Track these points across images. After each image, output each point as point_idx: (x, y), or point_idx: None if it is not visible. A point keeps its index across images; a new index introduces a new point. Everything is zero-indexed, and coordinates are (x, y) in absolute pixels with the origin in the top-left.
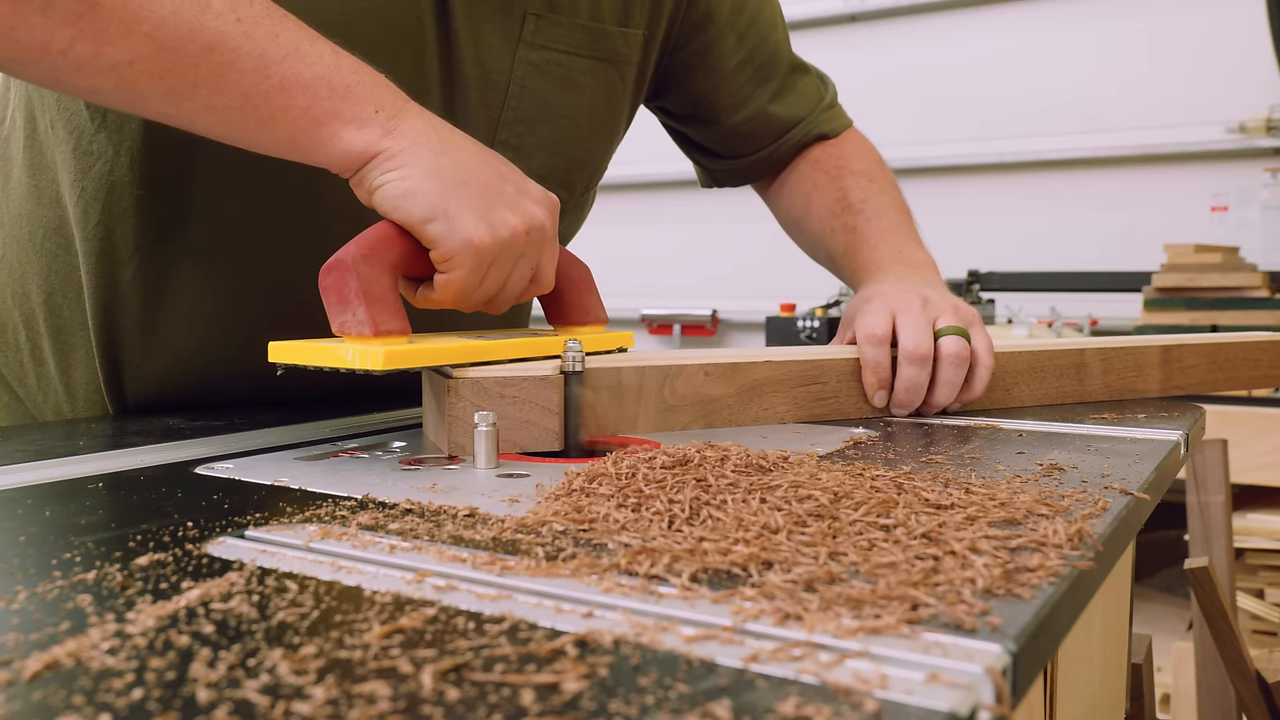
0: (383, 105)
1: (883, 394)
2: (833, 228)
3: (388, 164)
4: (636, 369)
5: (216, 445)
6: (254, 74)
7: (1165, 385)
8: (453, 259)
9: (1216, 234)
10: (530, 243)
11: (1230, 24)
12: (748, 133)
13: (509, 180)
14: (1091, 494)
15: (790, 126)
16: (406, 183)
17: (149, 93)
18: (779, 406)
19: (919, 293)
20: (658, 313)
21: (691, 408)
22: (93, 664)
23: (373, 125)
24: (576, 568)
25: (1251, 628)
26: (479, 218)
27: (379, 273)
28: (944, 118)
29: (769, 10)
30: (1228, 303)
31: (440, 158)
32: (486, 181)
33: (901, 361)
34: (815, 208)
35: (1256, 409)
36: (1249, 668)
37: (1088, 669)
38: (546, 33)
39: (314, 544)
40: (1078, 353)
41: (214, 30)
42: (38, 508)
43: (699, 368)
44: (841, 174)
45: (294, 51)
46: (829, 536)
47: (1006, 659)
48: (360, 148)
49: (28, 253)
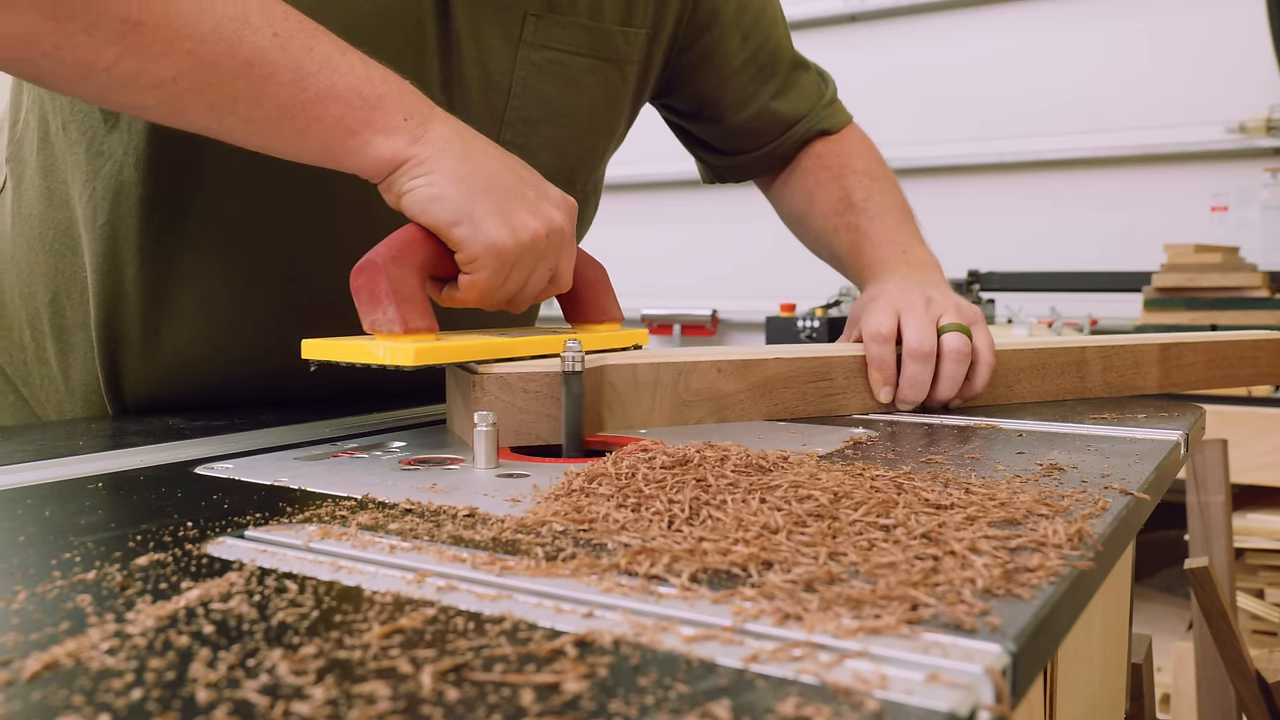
0: (412, 113)
1: (888, 390)
2: (836, 226)
3: (415, 170)
4: (652, 365)
5: (216, 445)
6: (291, 86)
7: (1164, 383)
8: (477, 260)
9: (1216, 234)
10: (550, 245)
11: (1230, 24)
12: (752, 129)
13: (530, 184)
14: (1091, 494)
15: (793, 123)
16: (434, 188)
17: (190, 107)
18: (789, 401)
19: (923, 292)
20: (658, 313)
21: (705, 403)
22: (92, 664)
23: (402, 133)
24: (576, 568)
25: (1251, 628)
26: (502, 221)
27: (408, 273)
28: (944, 118)
29: (771, 9)
30: (1228, 303)
31: (465, 163)
32: (509, 186)
33: (906, 358)
34: (818, 205)
35: (1256, 409)
36: (1249, 668)
37: (1088, 669)
38: (546, 33)
39: (314, 544)
40: (1078, 350)
41: (252, 45)
42: (38, 508)
43: (712, 364)
44: (844, 172)
45: (328, 64)
46: (829, 536)
47: (1006, 659)
48: (389, 154)
49: (37, 253)
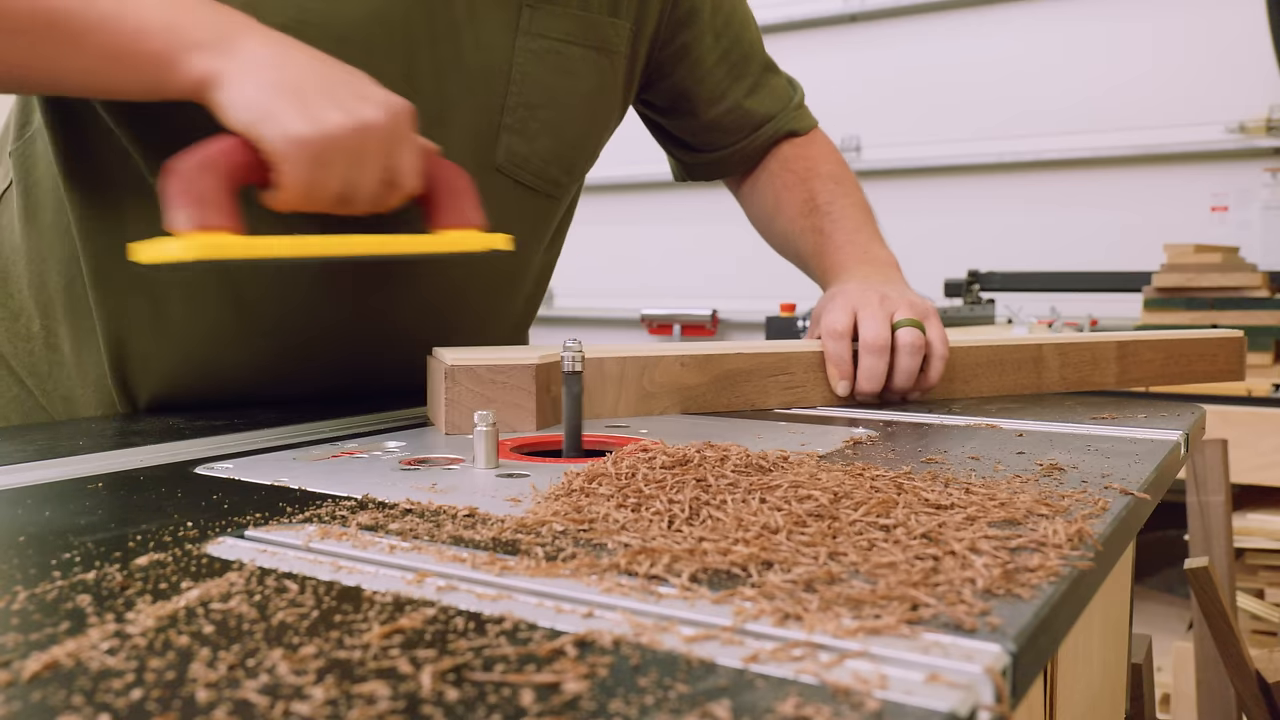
0: (223, 33)
1: (844, 384)
2: (801, 228)
3: (226, 81)
4: (618, 359)
5: (216, 445)
6: (108, 33)
7: (1122, 379)
8: (280, 155)
9: (1216, 234)
10: (370, 141)
11: (1230, 24)
12: (724, 126)
13: (346, 85)
14: (1091, 494)
15: (764, 121)
16: (242, 95)
17: (24, 77)
18: (750, 394)
19: (878, 290)
20: (658, 313)
21: (669, 395)
22: (92, 664)
23: (211, 50)
24: (576, 568)
25: (1251, 628)
26: (303, 115)
27: (209, 176)
28: (944, 118)
29: (742, 10)
30: (1228, 303)
31: (275, 71)
32: (318, 86)
33: (862, 352)
34: (785, 208)
35: (1256, 409)
36: (1249, 668)
37: (1088, 669)
38: (542, 22)
39: (314, 544)
40: (1034, 347)
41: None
42: (38, 508)
43: (675, 358)
44: (810, 176)
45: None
46: (829, 536)
47: (1006, 659)
48: (200, 73)
49: (51, 241)
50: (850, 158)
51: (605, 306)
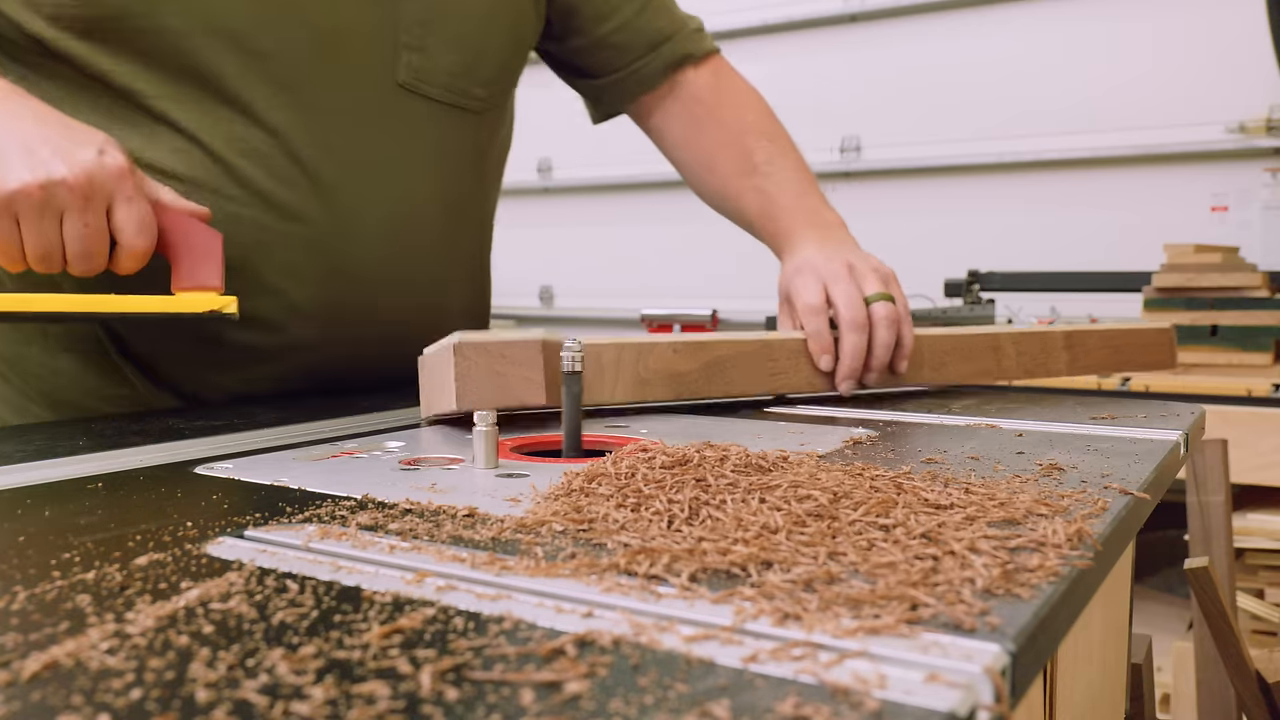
0: None
1: (827, 358)
2: (741, 188)
3: None
4: (615, 346)
5: (216, 445)
6: None
7: (1072, 366)
8: None
9: (1216, 234)
10: (57, 198)
11: (1230, 24)
12: (616, 44)
13: (47, 144)
14: (1091, 494)
15: (659, 41)
16: None
17: None
18: (738, 380)
19: (843, 259)
20: (658, 313)
21: (662, 381)
22: (92, 664)
23: None
24: (576, 568)
25: (1251, 628)
26: None
27: None
28: (944, 118)
29: None
30: (1228, 303)
31: None
32: (20, 145)
33: (843, 331)
34: (720, 165)
35: (1256, 409)
36: (1249, 668)
37: (1088, 669)
38: None
39: (314, 544)
40: (993, 336)
41: None
42: (38, 508)
43: (668, 345)
44: (744, 131)
45: None
46: (828, 536)
47: (1006, 659)
48: None
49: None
50: (850, 158)
51: (605, 306)
